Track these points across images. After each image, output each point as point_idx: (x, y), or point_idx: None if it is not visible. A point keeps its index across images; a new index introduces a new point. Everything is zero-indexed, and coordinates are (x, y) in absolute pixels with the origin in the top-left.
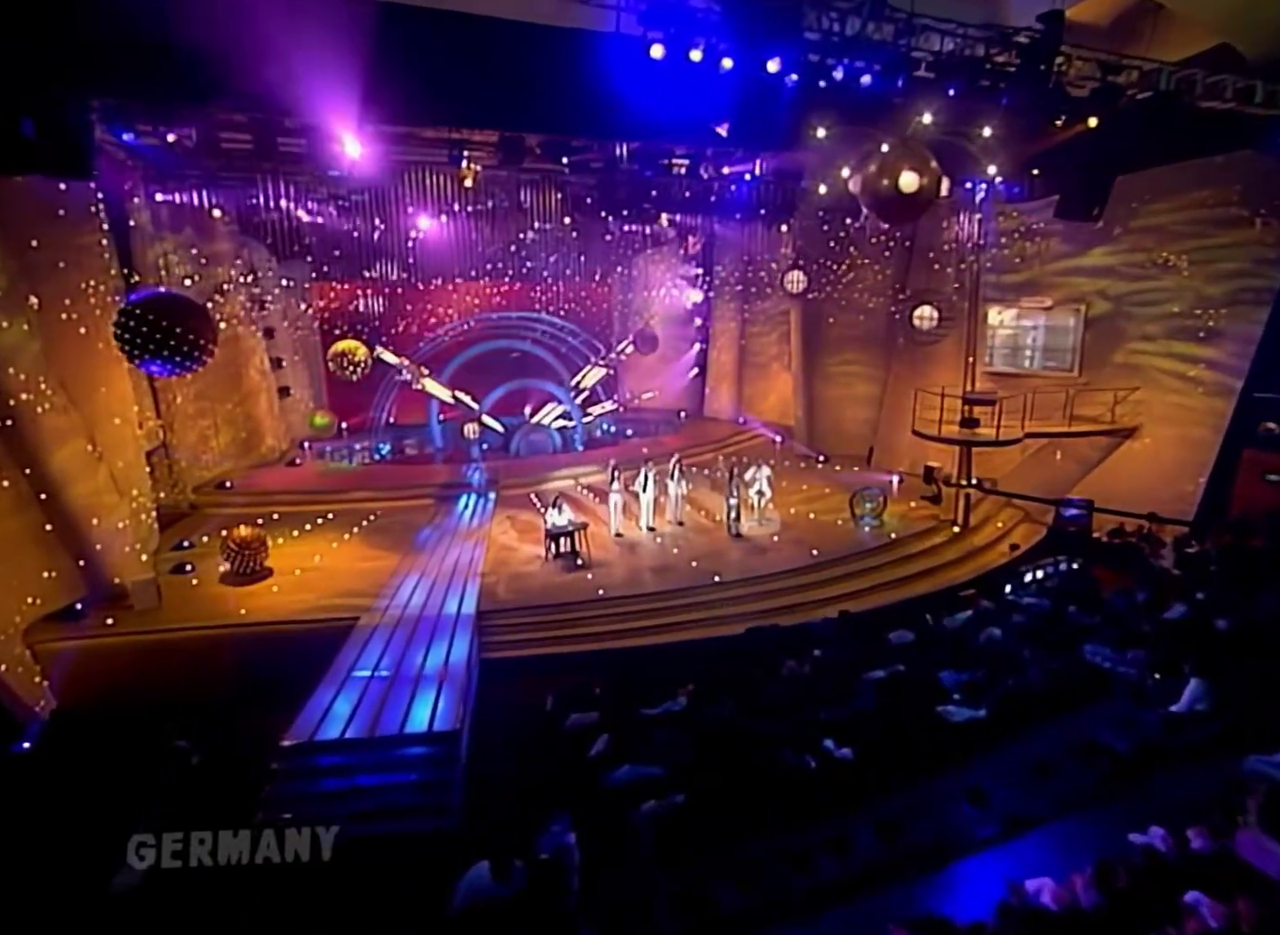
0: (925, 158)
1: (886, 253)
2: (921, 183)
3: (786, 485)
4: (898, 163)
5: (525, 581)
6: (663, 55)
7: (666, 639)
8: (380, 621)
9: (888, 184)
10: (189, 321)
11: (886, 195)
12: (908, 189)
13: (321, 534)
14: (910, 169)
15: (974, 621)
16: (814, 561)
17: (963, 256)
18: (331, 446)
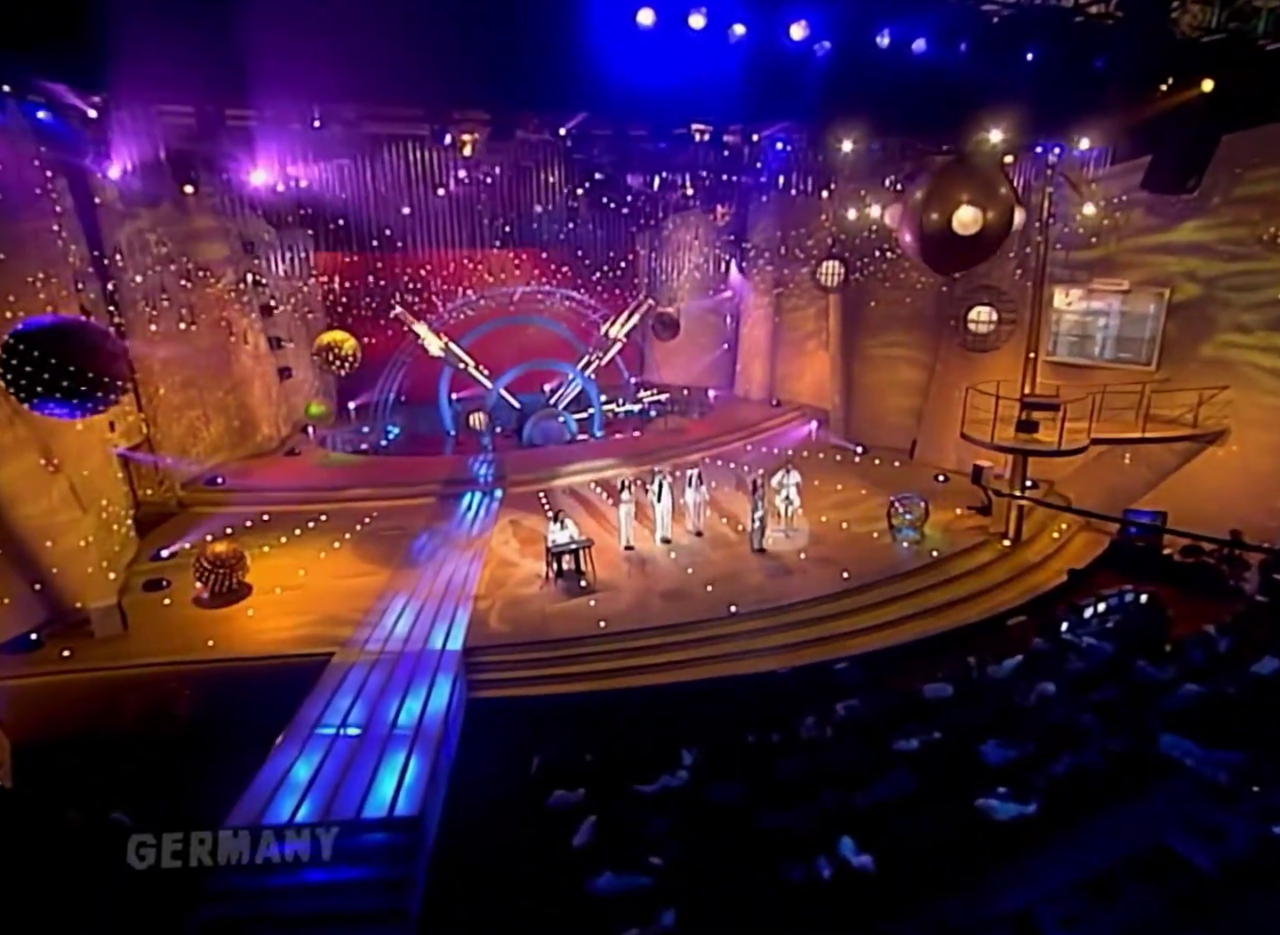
0: (992, 184)
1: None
2: (985, 220)
3: (819, 484)
4: (953, 191)
5: (521, 608)
6: (653, 22)
7: (673, 679)
8: (357, 659)
9: (938, 219)
10: (88, 356)
11: (935, 234)
12: (966, 229)
13: (311, 540)
14: (970, 202)
15: (1025, 669)
16: (843, 587)
17: (1027, 233)
18: (335, 432)
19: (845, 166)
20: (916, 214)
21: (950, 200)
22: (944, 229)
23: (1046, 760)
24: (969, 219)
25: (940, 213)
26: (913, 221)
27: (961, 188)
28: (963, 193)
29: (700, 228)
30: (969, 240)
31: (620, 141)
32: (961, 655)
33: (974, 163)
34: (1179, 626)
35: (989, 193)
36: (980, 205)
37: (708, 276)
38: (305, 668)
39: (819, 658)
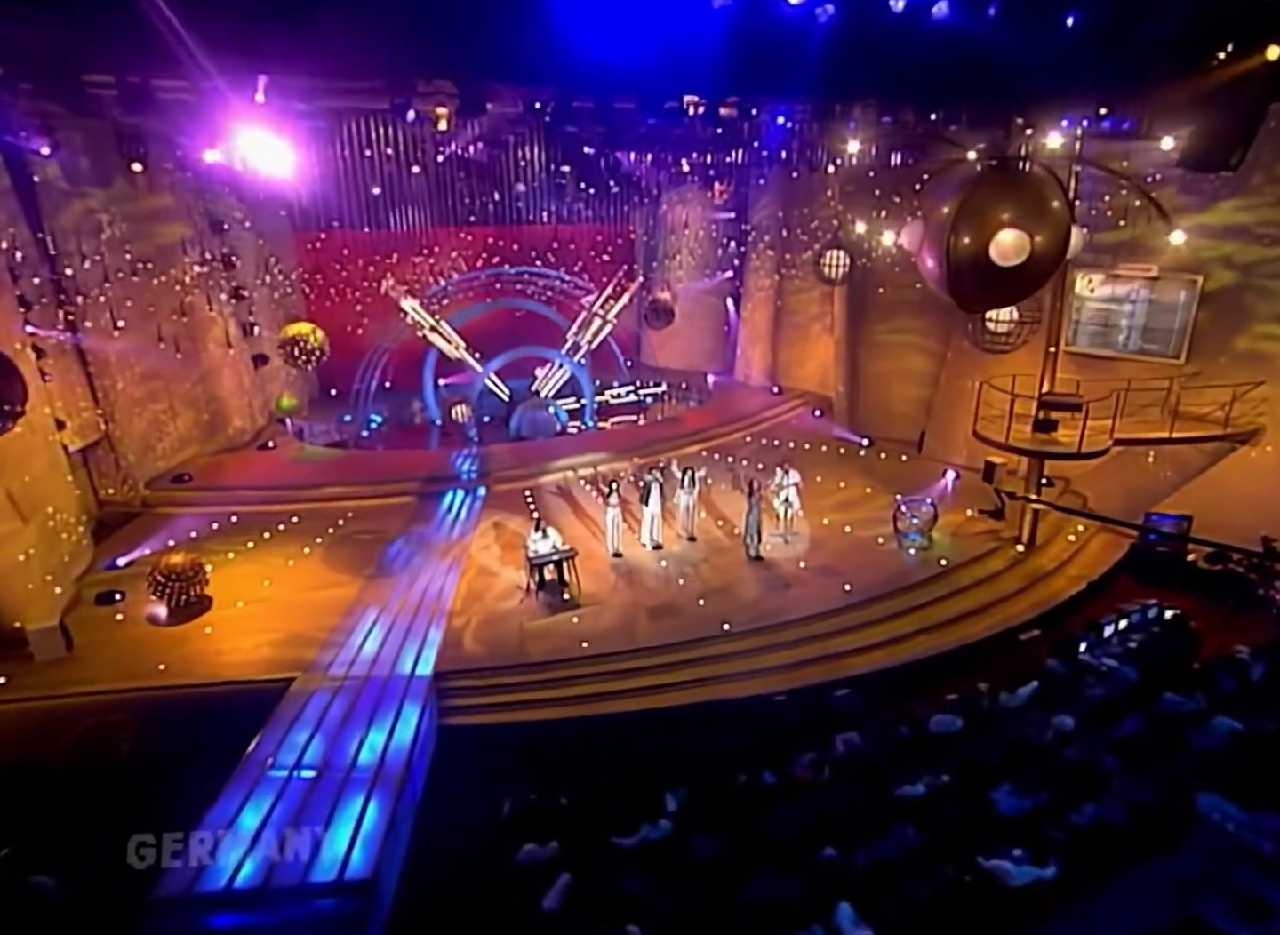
0: (1042, 199)
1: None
2: (1034, 245)
3: (821, 481)
4: (991, 207)
5: (498, 625)
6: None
7: (659, 704)
8: (319, 685)
9: (970, 244)
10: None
11: (966, 263)
12: (1007, 258)
13: (281, 544)
14: (1013, 223)
15: (1041, 697)
16: (845, 602)
17: None
18: (313, 423)
19: (850, 174)
20: (942, 236)
21: (987, 220)
22: (978, 257)
23: (1064, 810)
24: (1012, 246)
25: (974, 236)
26: (937, 245)
27: (1002, 203)
28: (1004, 210)
29: (698, 206)
30: (1010, 273)
31: (605, 115)
32: (970, 674)
33: (1020, 169)
34: (1206, 642)
35: (1039, 210)
36: (1027, 227)
37: (707, 257)
38: (263, 695)
39: (818, 679)
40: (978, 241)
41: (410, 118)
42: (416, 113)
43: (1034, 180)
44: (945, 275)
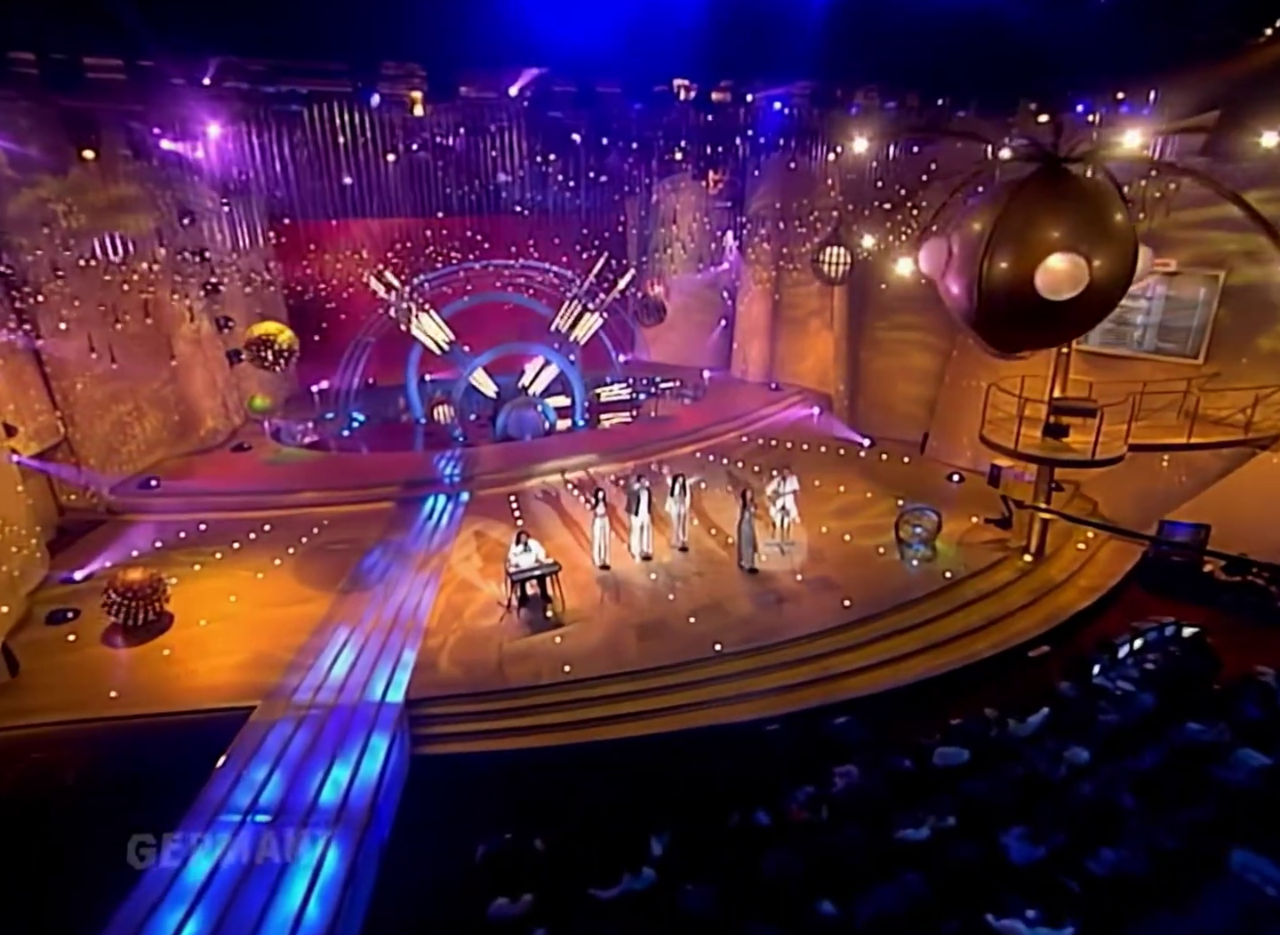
0: (1102, 212)
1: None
2: (1092, 273)
3: (820, 485)
4: (1036, 224)
5: (477, 645)
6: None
7: (646, 730)
8: (281, 714)
9: (1009, 270)
10: None
11: (1003, 294)
12: (1057, 289)
13: (250, 555)
14: (1066, 244)
15: (1053, 726)
16: (844, 619)
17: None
18: (291, 422)
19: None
20: (973, 260)
21: (1033, 240)
22: (1020, 288)
23: (1080, 857)
24: (1064, 274)
25: (1014, 261)
26: (965, 271)
27: (1052, 218)
28: (1053, 226)
29: (692, 196)
30: (1060, 308)
31: (588, 101)
32: (977, 695)
33: (1074, 173)
34: (1225, 660)
35: (1098, 227)
36: (1083, 250)
37: (702, 248)
38: (222, 725)
39: (814, 702)
40: (1020, 268)
41: (375, 102)
42: (382, 97)
43: (1090, 188)
44: (975, 309)
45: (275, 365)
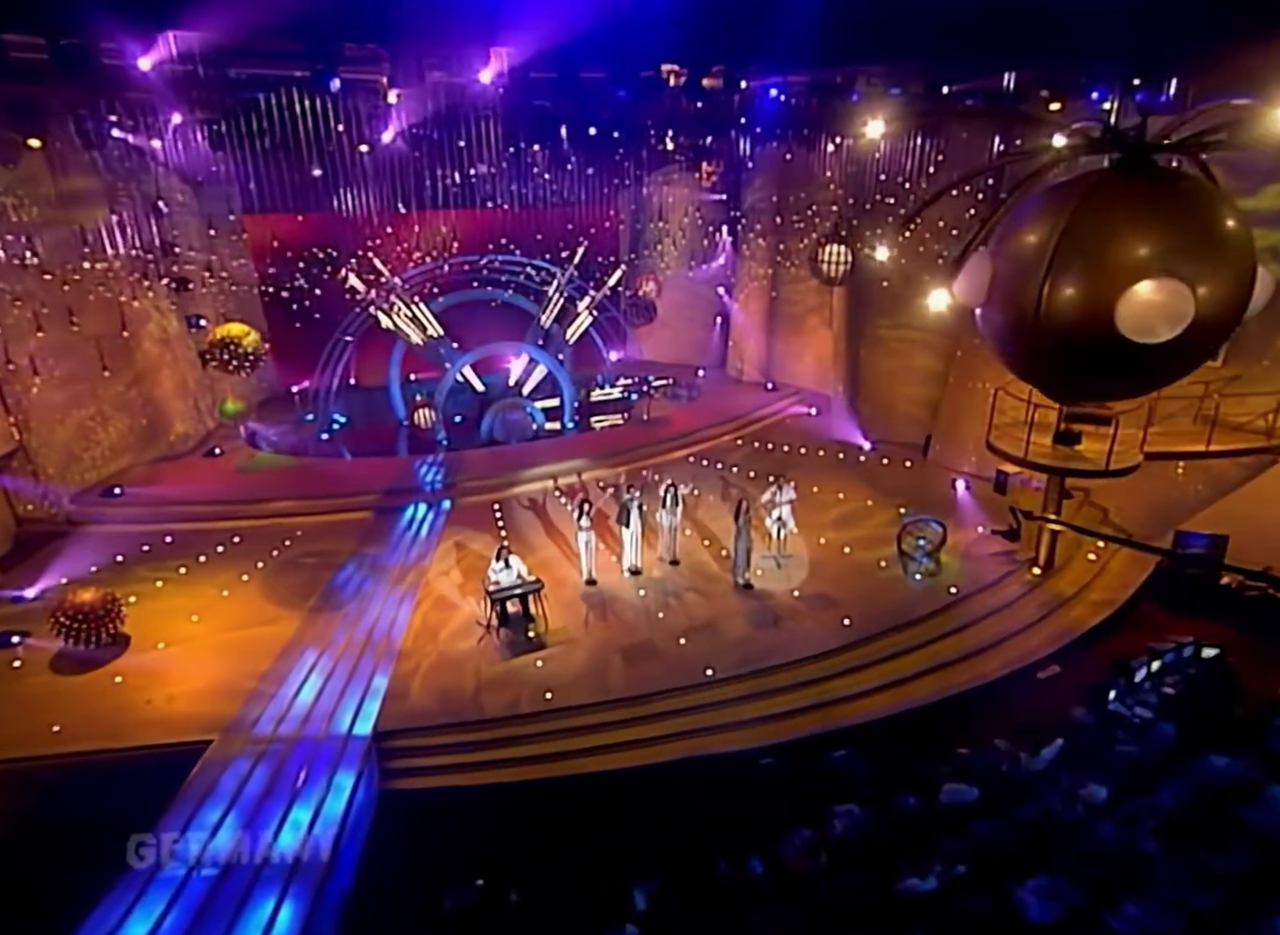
0: (1211, 223)
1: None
2: (1198, 305)
3: (818, 491)
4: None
5: (453, 670)
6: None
7: (632, 762)
8: (238, 750)
9: (1082, 303)
10: None
11: (1073, 334)
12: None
13: (217, 569)
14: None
15: (1067, 759)
16: (844, 639)
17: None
18: (268, 425)
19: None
20: (1028, 287)
21: (1111, 260)
22: (1093, 324)
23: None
24: (1160, 307)
25: (1086, 287)
26: (1015, 302)
27: (1140, 230)
28: (1141, 242)
29: (685, 189)
30: (1151, 352)
31: (570, 88)
32: (985, 720)
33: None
34: (1246, 679)
35: (1204, 241)
36: (1185, 273)
37: (695, 243)
38: (173, 761)
39: (812, 729)
40: (1094, 298)
41: (336, 87)
42: (344, 82)
43: (1192, 188)
44: (1028, 351)
45: (240, 370)
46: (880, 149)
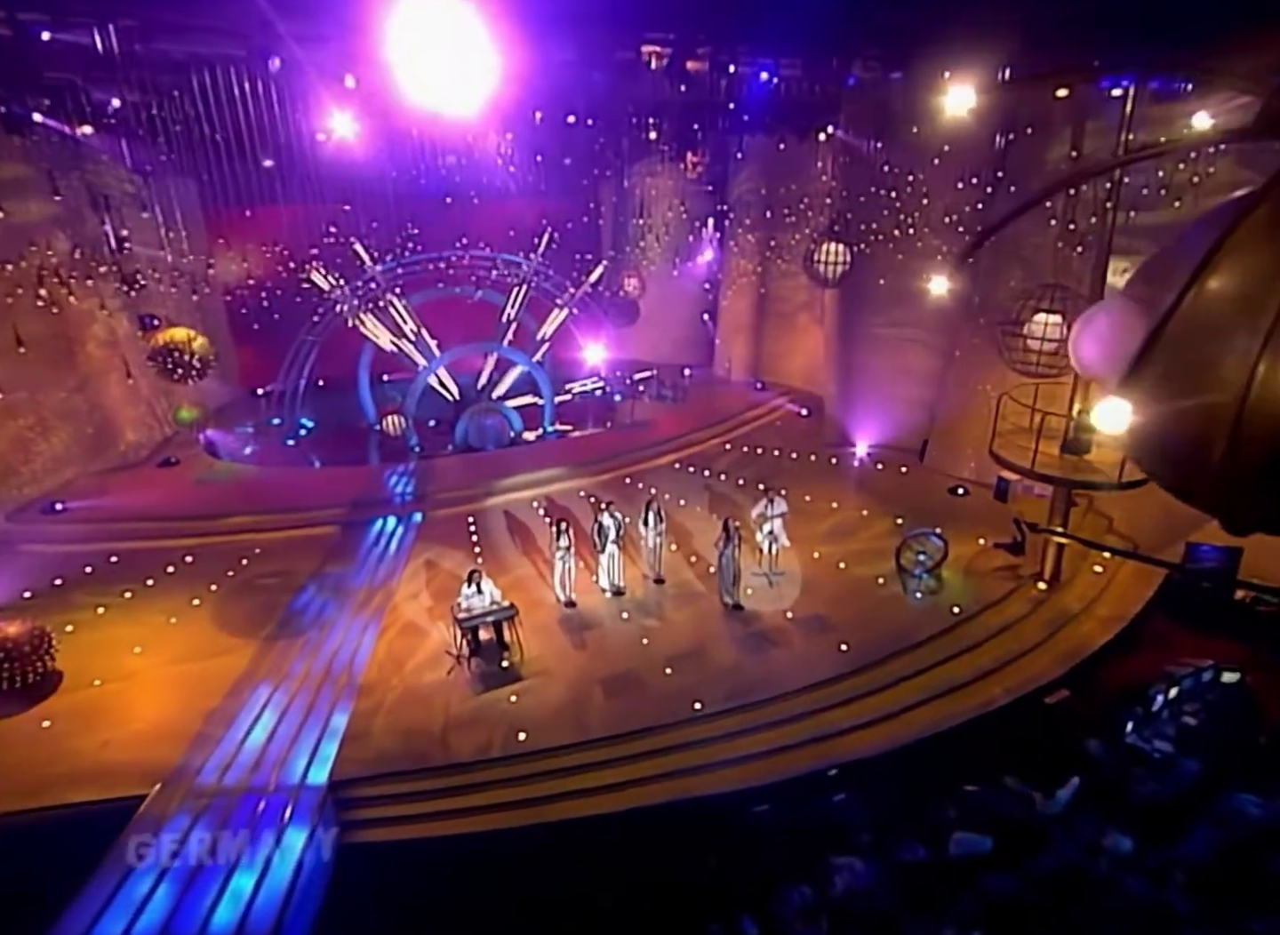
0: None
1: (960, 183)
2: None
3: (810, 501)
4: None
5: (419, 707)
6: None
7: (613, 807)
8: (176, 806)
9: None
10: None
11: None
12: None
13: (166, 593)
14: None
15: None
16: (841, 666)
17: (1077, 188)
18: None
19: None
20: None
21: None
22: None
23: None
24: None
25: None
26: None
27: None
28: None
29: (669, 180)
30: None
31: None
32: (992, 753)
33: None
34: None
35: None
36: None
37: (680, 238)
38: (104, 819)
39: (808, 765)
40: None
41: (275, 67)
42: (282, 61)
43: None
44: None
45: (187, 378)
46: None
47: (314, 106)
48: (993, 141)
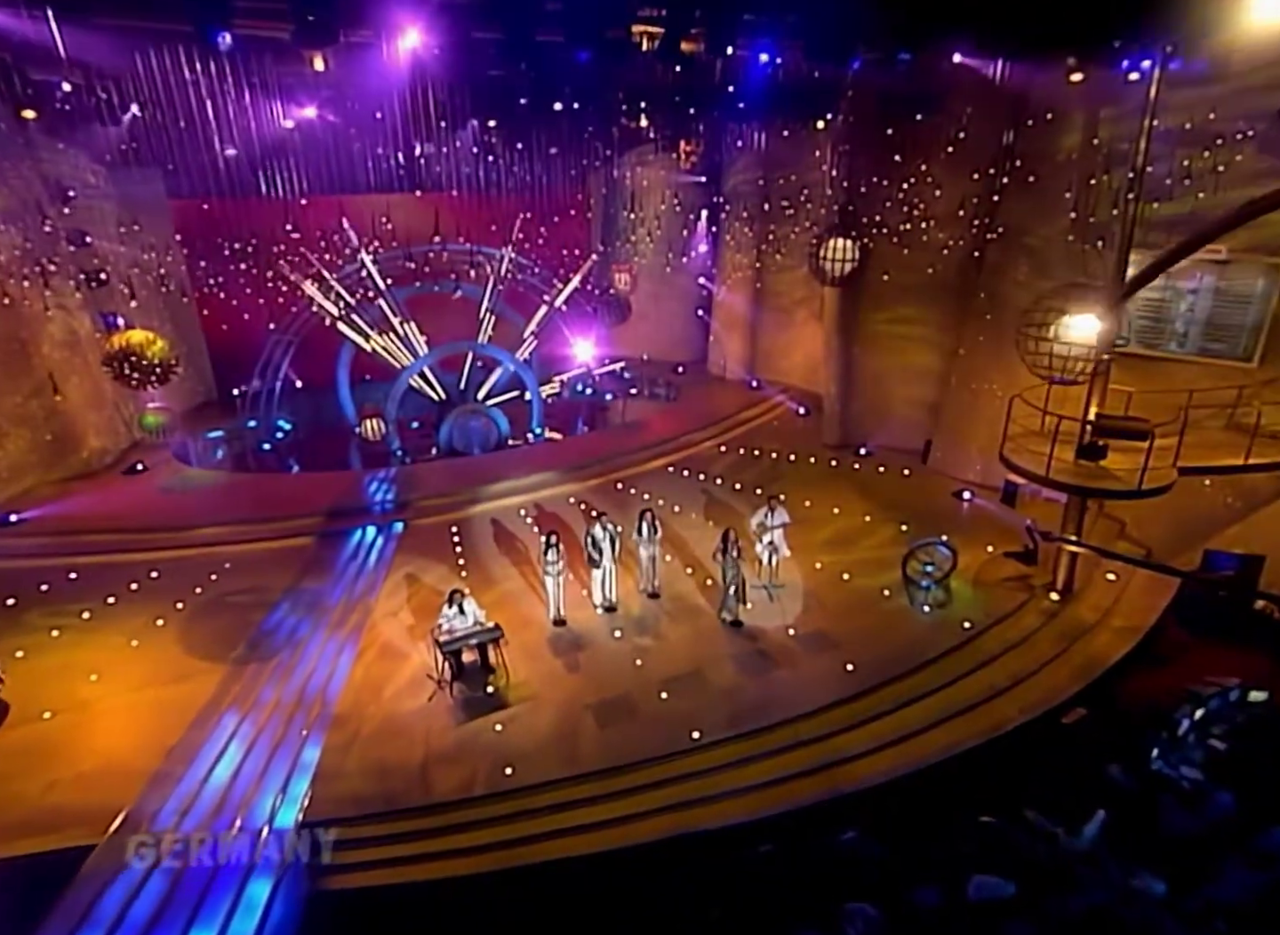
0: None
1: (975, 174)
2: None
3: (810, 505)
4: None
5: (397, 741)
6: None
7: (608, 845)
8: (128, 857)
9: None
10: None
11: None
12: None
13: (127, 613)
14: None
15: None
16: (847, 691)
17: (1091, 172)
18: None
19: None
20: None
21: None
22: None
23: None
24: None
25: None
26: None
27: None
28: None
29: (661, 170)
30: None
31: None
32: (1008, 778)
33: None
34: None
35: None
36: None
37: (673, 230)
38: (48, 873)
39: (812, 796)
40: None
41: (225, 44)
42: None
43: None
44: None
45: (145, 384)
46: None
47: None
48: (1004, 130)
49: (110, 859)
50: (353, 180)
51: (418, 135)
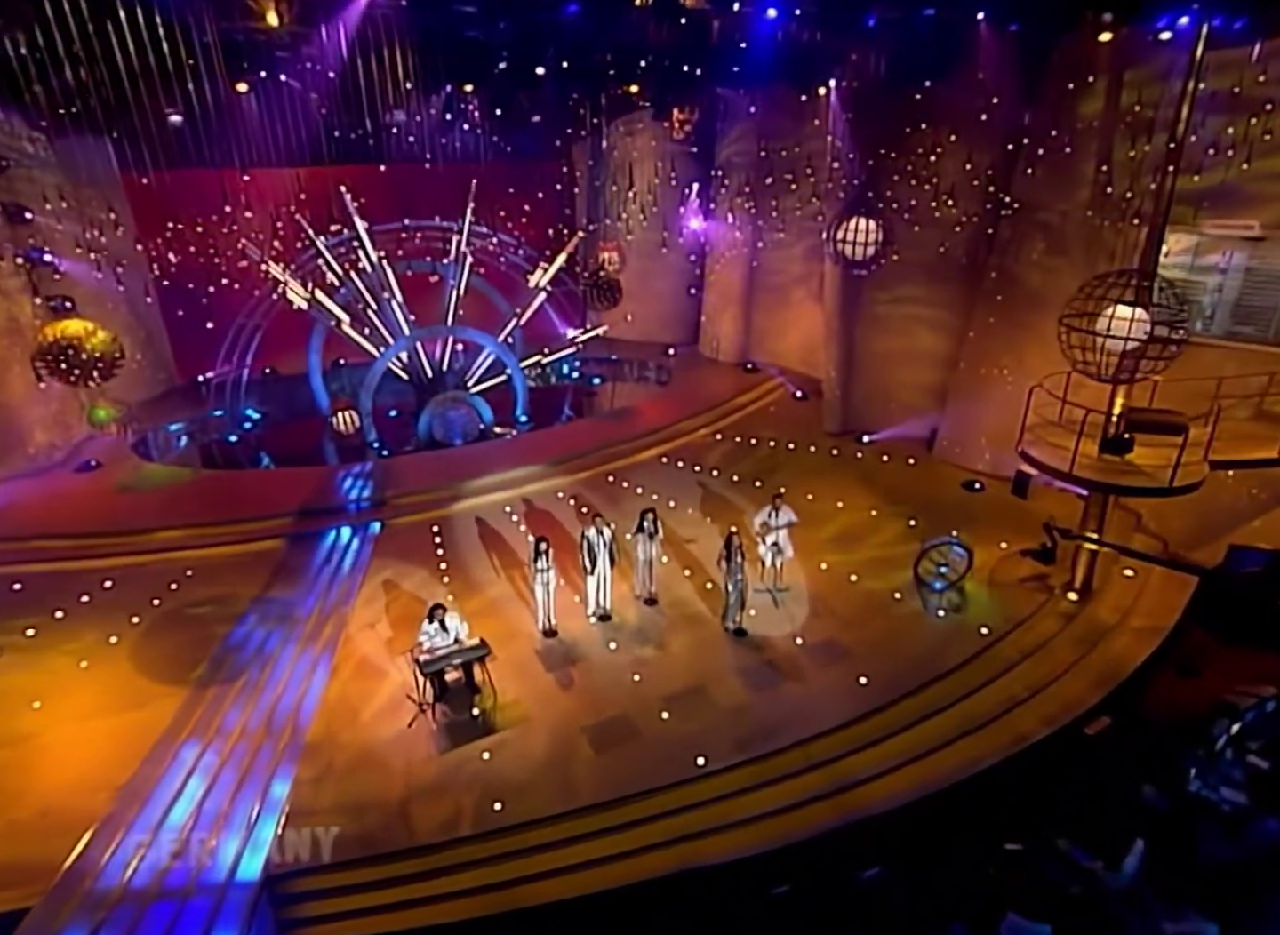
0: None
1: (992, 144)
2: None
3: (813, 499)
4: None
5: (375, 772)
6: None
7: (607, 884)
8: (65, 922)
9: None
10: None
11: None
12: None
13: (78, 628)
14: None
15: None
16: (861, 708)
17: (1115, 142)
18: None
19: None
20: None
21: None
22: None
23: None
24: None
25: None
26: None
27: None
28: None
29: (653, 140)
30: None
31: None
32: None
33: None
34: None
35: None
36: None
37: (665, 204)
38: None
39: (826, 822)
40: None
41: None
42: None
43: None
44: None
45: (85, 380)
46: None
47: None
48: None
49: (45, 924)
50: (316, 150)
51: (391, 101)
